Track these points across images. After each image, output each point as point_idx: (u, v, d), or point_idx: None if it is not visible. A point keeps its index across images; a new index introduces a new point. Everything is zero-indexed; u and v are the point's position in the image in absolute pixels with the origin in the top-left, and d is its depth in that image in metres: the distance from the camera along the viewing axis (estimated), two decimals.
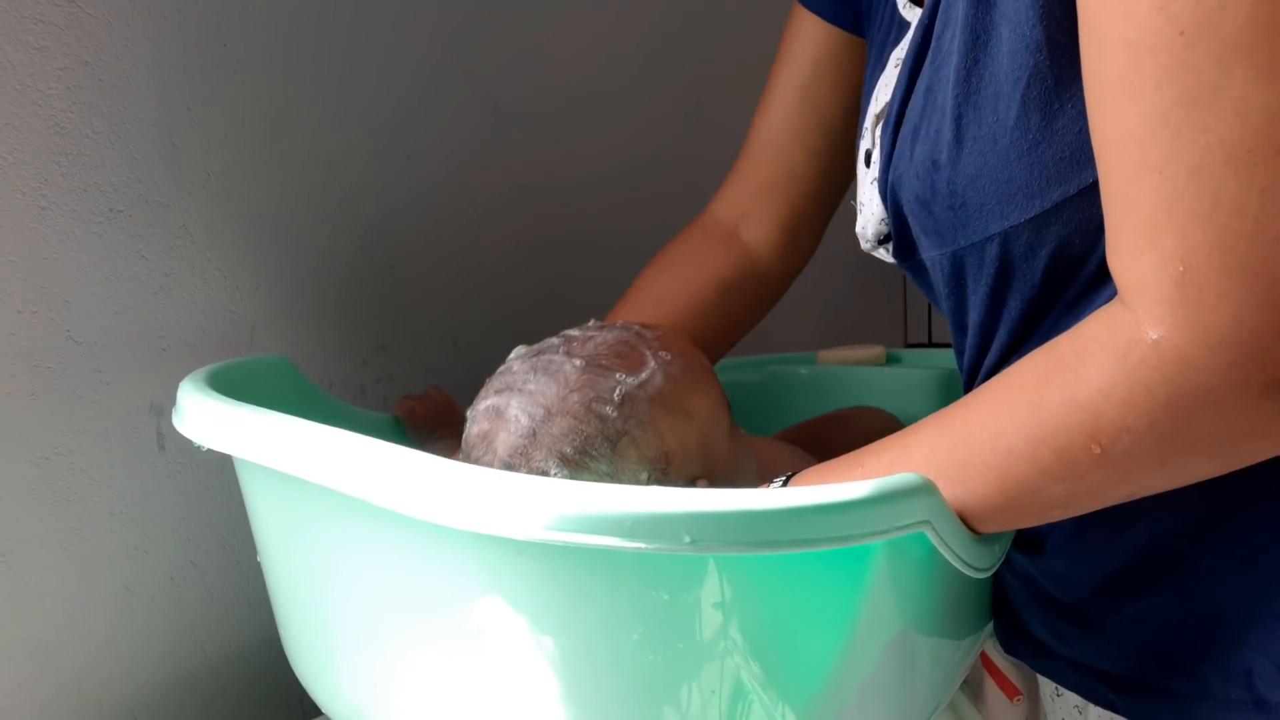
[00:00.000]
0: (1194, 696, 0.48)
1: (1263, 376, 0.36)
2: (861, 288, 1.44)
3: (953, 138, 0.47)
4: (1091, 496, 0.42)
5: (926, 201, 0.50)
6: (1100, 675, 0.52)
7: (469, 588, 0.41)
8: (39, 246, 0.62)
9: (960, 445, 0.43)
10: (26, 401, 0.61)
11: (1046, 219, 0.44)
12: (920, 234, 0.52)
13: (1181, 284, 0.36)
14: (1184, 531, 0.48)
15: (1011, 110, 0.44)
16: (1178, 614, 0.49)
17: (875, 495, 0.35)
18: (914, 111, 0.51)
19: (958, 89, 0.46)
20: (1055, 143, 0.43)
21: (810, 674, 0.40)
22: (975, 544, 0.44)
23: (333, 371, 0.80)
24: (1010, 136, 0.44)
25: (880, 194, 0.56)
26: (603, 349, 0.52)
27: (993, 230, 0.46)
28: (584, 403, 0.49)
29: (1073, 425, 0.40)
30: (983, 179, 0.46)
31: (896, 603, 0.42)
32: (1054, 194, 0.44)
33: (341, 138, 0.79)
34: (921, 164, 0.49)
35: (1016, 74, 0.43)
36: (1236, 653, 0.47)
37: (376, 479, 0.40)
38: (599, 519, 0.34)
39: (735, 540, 0.34)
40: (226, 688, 0.72)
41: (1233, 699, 0.47)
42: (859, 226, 0.59)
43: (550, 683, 0.40)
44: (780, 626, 0.39)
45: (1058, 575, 0.53)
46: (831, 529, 0.35)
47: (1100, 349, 0.39)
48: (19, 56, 0.60)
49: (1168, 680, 0.49)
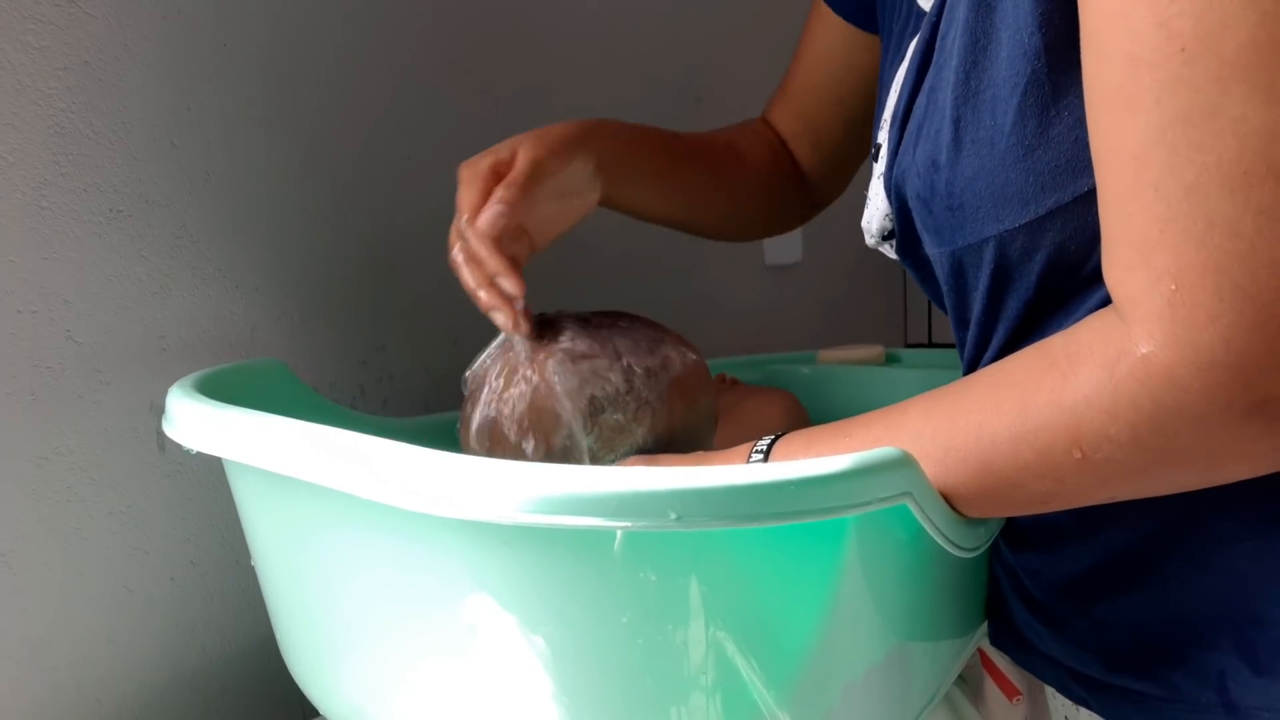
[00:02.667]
0: (1165, 699, 0.49)
1: (1248, 399, 0.36)
2: (861, 288, 1.44)
3: (951, 139, 0.47)
4: (1071, 496, 0.43)
5: (926, 200, 0.50)
6: (1072, 674, 0.53)
7: (459, 580, 0.41)
8: (39, 246, 0.62)
9: (945, 430, 0.43)
10: (26, 401, 0.61)
11: (1041, 224, 0.45)
12: (922, 231, 0.53)
13: (1173, 302, 0.36)
14: (1154, 536, 0.48)
15: (1008, 115, 0.44)
16: (1146, 619, 0.49)
17: (857, 468, 0.36)
18: (919, 110, 0.52)
19: (956, 91, 0.47)
20: (1051, 149, 0.43)
21: (798, 651, 0.40)
22: (959, 522, 0.44)
23: (332, 371, 0.80)
24: (1006, 141, 0.44)
25: (885, 189, 0.56)
26: (642, 329, 0.59)
27: (988, 233, 0.46)
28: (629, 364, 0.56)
29: (1056, 428, 0.40)
30: (979, 181, 0.46)
31: (881, 580, 0.43)
32: (1048, 200, 0.44)
33: (341, 138, 0.79)
34: (923, 163, 0.50)
35: (1014, 80, 0.44)
36: (1209, 656, 0.47)
37: (358, 469, 0.40)
38: (584, 499, 0.35)
39: (721, 515, 0.35)
40: (226, 688, 0.73)
41: (1204, 702, 0.47)
42: (865, 220, 0.60)
43: (542, 671, 0.40)
44: (768, 604, 0.39)
45: (1032, 571, 0.53)
46: (815, 501, 0.35)
47: (1091, 356, 0.39)
48: (19, 56, 0.60)
49: (1137, 683, 0.49)
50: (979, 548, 0.47)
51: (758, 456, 0.49)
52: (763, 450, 0.49)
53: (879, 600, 0.43)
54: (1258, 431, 0.37)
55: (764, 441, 0.50)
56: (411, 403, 0.85)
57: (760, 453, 0.49)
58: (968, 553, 0.46)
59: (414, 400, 0.85)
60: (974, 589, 0.57)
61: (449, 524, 0.38)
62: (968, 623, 0.57)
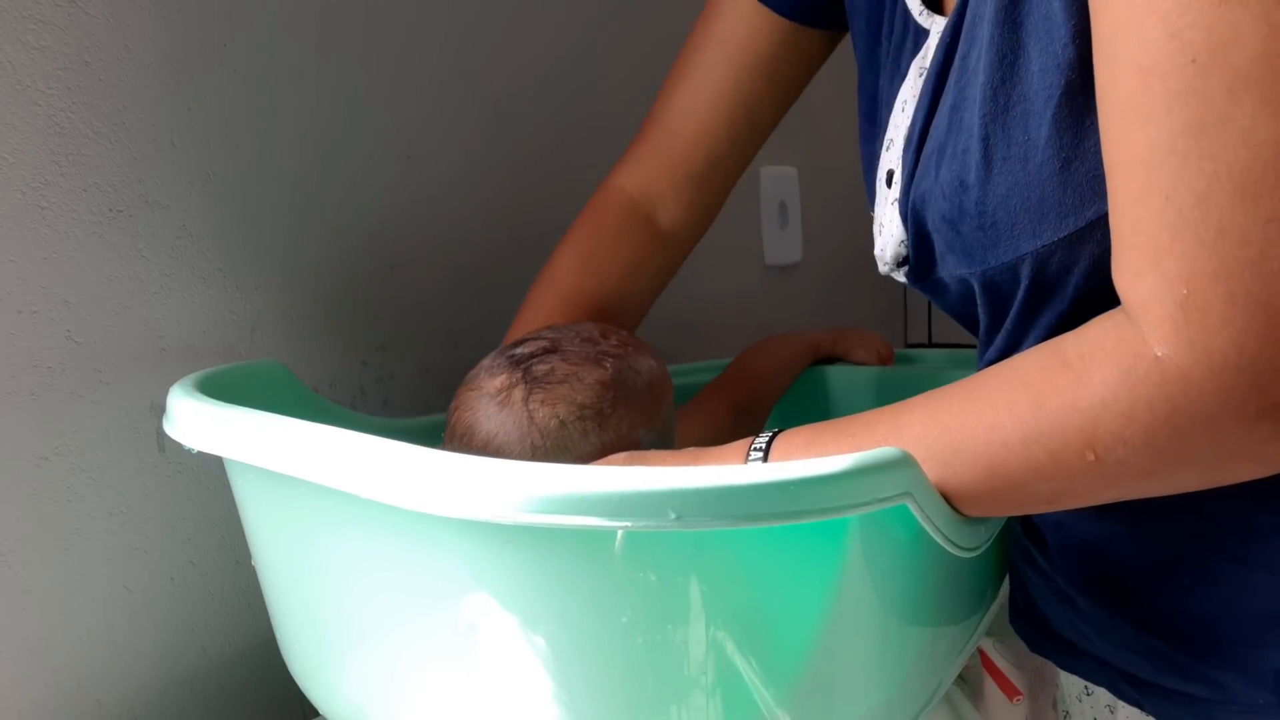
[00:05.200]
0: (1217, 702, 0.48)
1: (1260, 402, 0.37)
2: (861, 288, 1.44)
3: (981, 158, 0.47)
4: (1076, 497, 0.43)
5: (954, 221, 0.49)
6: (1123, 675, 0.52)
7: (459, 580, 0.41)
8: (39, 246, 0.62)
9: (954, 430, 0.43)
10: (26, 401, 0.61)
11: (1080, 237, 0.44)
12: (947, 253, 0.52)
13: (1185, 307, 0.37)
14: (1195, 534, 0.48)
15: (1043, 129, 0.44)
16: (1192, 619, 0.49)
17: (857, 468, 0.36)
18: (938, 131, 0.51)
19: (984, 108, 0.46)
20: (1087, 160, 0.43)
21: (798, 651, 0.40)
22: (959, 522, 0.44)
23: (333, 371, 0.80)
24: (1042, 155, 0.44)
25: (900, 215, 0.55)
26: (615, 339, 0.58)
27: (1024, 250, 0.46)
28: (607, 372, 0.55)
29: (1070, 430, 0.40)
30: (1014, 198, 0.46)
31: (881, 580, 0.43)
32: (1088, 212, 0.44)
33: (341, 138, 0.79)
34: (948, 184, 0.49)
35: (1048, 93, 0.43)
36: (1261, 655, 0.47)
37: (358, 469, 0.40)
38: (585, 499, 0.35)
39: (721, 515, 0.35)
40: (226, 688, 0.73)
41: (1260, 704, 0.47)
42: (878, 249, 0.59)
43: (542, 670, 0.40)
44: (768, 604, 0.39)
45: (1070, 574, 0.53)
46: (815, 501, 0.35)
47: (1106, 358, 0.39)
48: (19, 56, 0.60)
49: (1185, 685, 0.49)
50: (979, 548, 0.47)
51: (756, 455, 0.49)
52: (761, 448, 0.49)
53: (879, 600, 0.43)
54: (1267, 434, 0.37)
55: (762, 439, 0.50)
56: (411, 403, 0.85)
57: (759, 450, 0.49)
58: (968, 552, 0.46)
59: (414, 400, 0.85)
60: (974, 589, 0.57)
61: (449, 523, 0.38)
62: (968, 622, 0.57)
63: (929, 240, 0.53)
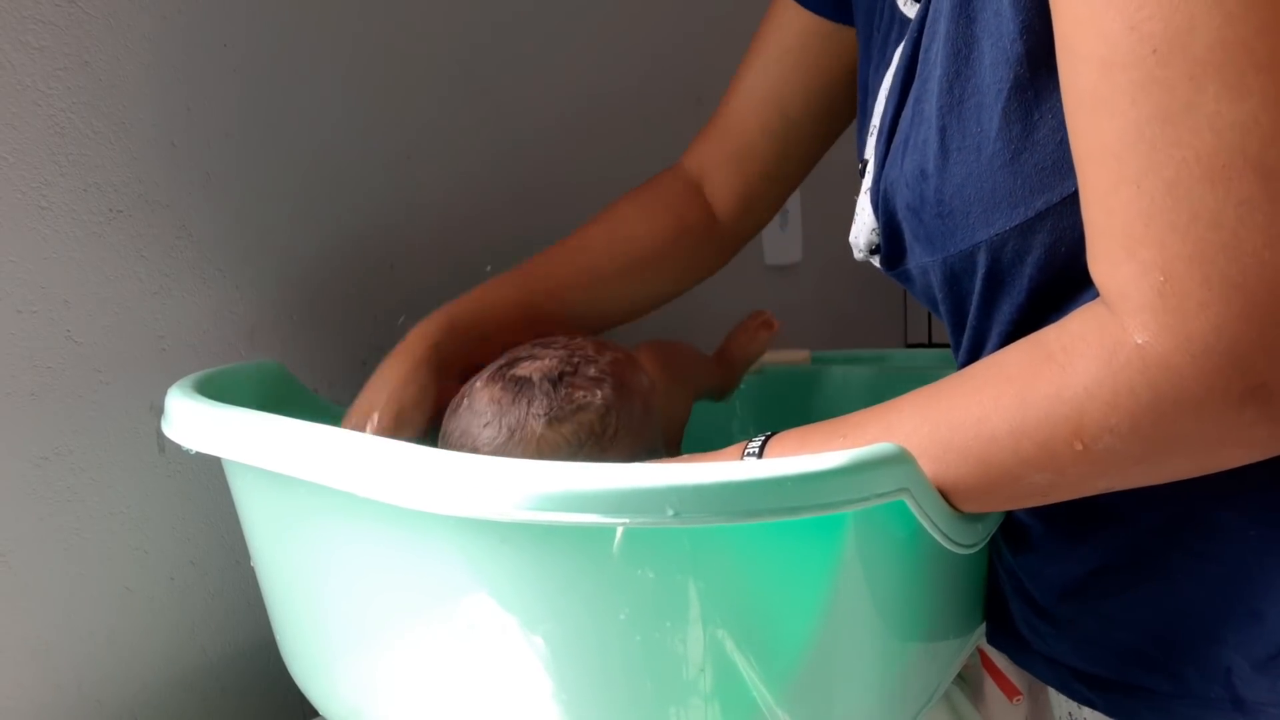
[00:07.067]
0: (1174, 695, 0.49)
1: (1242, 384, 0.37)
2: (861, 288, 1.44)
3: (938, 148, 0.48)
4: (1071, 487, 0.43)
5: (917, 210, 0.50)
6: (1076, 673, 0.53)
7: (457, 578, 0.41)
8: (39, 246, 0.62)
9: (943, 426, 0.43)
10: (26, 401, 0.61)
11: (1031, 227, 0.45)
12: (913, 242, 0.53)
13: (1163, 293, 0.37)
14: (1157, 530, 0.48)
15: (993, 121, 0.45)
16: (1153, 613, 0.49)
17: (854, 463, 0.36)
18: (905, 122, 0.52)
19: (941, 100, 0.47)
20: (1036, 152, 0.44)
21: (796, 648, 0.41)
22: (956, 518, 0.44)
23: (332, 371, 0.80)
24: (993, 147, 0.45)
25: (872, 203, 0.56)
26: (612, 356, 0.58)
27: (979, 238, 0.47)
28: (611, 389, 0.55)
29: (1056, 420, 0.40)
30: (968, 188, 0.47)
31: (878, 578, 0.43)
32: (1037, 202, 0.44)
33: (341, 138, 0.79)
34: (911, 173, 0.50)
35: (998, 86, 0.44)
36: (1215, 651, 0.47)
37: (357, 468, 0.40)
38: (582, 496, 0.35)
39: (719, 511, 0.35)
40: (226, 688, 0.73)
41: (1213, 697, 0.47)
42: (852, 235, 0.60)
43: (541, 668, 0.40)
44: (766, 601, 0.40)
45: (1033, 572, 0.53)
46: (812, 497, 0.36)
47: (1087, 348, 0.40)
48: (19, 56, 0.61)
49: (1146, 679, 0.50)
50: (977, 544, 0.47)
51: (751, 457, 0.49)
52: (755, 450, 0.49)
53: (877, 597, 0.43)
54: (1254, 417, 0.38)
55: (756, 441, 0.50)
56: None
57: (753, 454, 0.49)
58: (965, 549, 0.46)
59: None
60: (973, 587, 0.57)
61: (448, 522, 0.38)
62: (967, 621, 0.57)
63: (899, 229, 0.54)
